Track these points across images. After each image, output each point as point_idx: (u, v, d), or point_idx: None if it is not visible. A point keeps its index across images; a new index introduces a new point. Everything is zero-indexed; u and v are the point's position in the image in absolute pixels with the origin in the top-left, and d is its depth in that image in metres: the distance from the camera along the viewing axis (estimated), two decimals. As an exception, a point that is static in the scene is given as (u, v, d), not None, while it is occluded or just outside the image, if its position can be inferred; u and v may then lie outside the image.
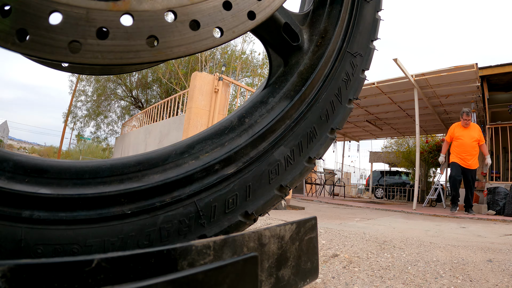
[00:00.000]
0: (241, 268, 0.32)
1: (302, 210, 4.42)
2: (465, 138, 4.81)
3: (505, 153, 7.38)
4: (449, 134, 5.07)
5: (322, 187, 10.36)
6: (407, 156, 11.86)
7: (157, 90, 14.42)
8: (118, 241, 0.48)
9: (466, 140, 4.80)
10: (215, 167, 0.56)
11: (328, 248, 1.51)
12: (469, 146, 4.77)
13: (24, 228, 0.43)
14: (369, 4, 0.78)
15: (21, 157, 0.47)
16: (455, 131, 4.96)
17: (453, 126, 5.04)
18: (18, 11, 0.32)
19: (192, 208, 0.54)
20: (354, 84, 0.75)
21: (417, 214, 4.74)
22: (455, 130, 4.97)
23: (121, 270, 0.30)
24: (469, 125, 4.87)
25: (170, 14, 0.39)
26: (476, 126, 4.95)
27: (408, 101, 7.53)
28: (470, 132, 4.83)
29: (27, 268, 0.26)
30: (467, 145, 4.78)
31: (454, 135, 4.94)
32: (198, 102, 4.51)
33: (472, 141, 4.78)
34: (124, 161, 0.53)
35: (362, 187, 19.04)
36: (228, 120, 0.64)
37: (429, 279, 1.16)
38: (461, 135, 4.85)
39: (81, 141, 20.85)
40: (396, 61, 5.63)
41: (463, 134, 4.84)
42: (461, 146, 4.82)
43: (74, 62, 0.34)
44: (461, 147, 4.82)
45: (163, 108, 6.75)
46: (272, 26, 0.64)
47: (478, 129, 4.92)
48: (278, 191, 0.63)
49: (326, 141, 0.70)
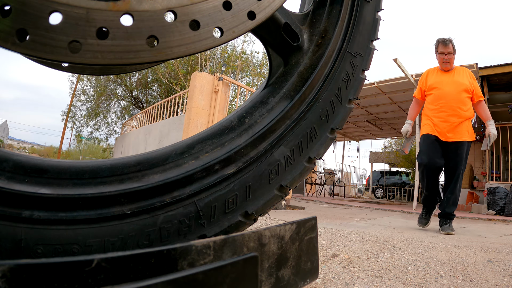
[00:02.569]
0: (241, 268, 0.32)
1: (302, 210, 4.42)
2: (445, 86, 2.56)
3: (505, 153, 7.38)
4: (419, 86, 2.78)
5: (322, 187, 10.37)
6: (407, 156, 11.86)
7: (157, 90, 14.42)
8: (118, 241, 0.48)
9: (448, 88, 2.54)
10: (215, 167, 0.56)
11: (328, 248, 1.51)
12: (454, 99, 2.51)
13: (24, 228, 0.43)
14: (369, 4, 0.78)
15: (21, 157, 0.47)
16: (428, 79, 2.70)
17: (425, 73, 2.77)
18: (18, 11, 0.32)
19: (192, 208, 0.54)
20: (354, 84, 0.75)
21: (417, 214, 4.73)
22: (429, 77, 2.71)
23: (121, 270, 0.30)
24: (453, 67, 2.64)
25: (170, 14, 0.39)
26: (465, 69, 2.67)
27: (408, 101, 7.52)
28: (455, 77, 2.58)
29: (27, 268, 0.26)
30: (450, 97, 2.51)
31: (427, 85, 2.68)
32: (198, 102, 4.51)
33: (459, 90, 2.52)
34: (124, 161, 0.53)
35: (362, 187, 19.04)
36: (228, 120, 0.64)
37: (429, 279, 1.16)
38: (439, 82, 2.60)
39: (81, 141, 20.86)
40: (396, 61, 5.63)
41: (441, 80, 2.60)
42: (438, 100, 2.56)
43: (74, 62, 0.34)
44: (439, 102, 2.55)
45: (163, 108, 6.75)
46: (272, 26, 0.64)
47: (469, 74, 2.64)
48: (278, 191, 0.63)
49: (326, 141, 0.70)
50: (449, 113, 2.50)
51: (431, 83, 2.65)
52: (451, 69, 2.63)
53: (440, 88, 2.57)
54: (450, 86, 2.55)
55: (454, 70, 2.63)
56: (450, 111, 2.50)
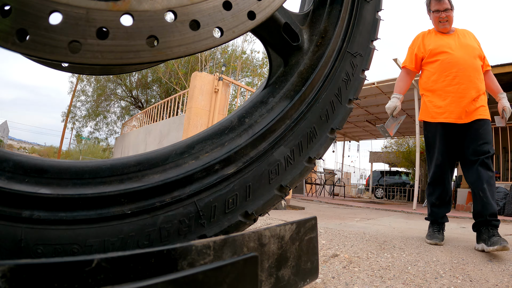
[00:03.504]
0: (241, 268, 0.32)
1: (302, 210, 4.42)
2: (455, 50, 1.87)
3: (505, 153, 7.38)
4: (412, 53, 2.04)
5: (322, 187, 10.37)
6: (407, 156, 11.87)
7: (157, 90, 14.42)
8: (118, 241, 0.48)
9: (460, 53, 1.86)
10: (215, 167, 0.56)
11: (328, 248, 1.51)
12: (470, 66, 1.83)
13: (24, 228, 0.43)
14: (369, 4, 0.78)
15: (21, 157, 0.47)
16: (426, 42, 1.99)
17: (419, 36, 2.04)
18: (18, 11, 0.32)
19: (192, 208, 0.54)
20: (354, 84, 0.75)
21: (417, 214, 4.74)
22: (426, 40, 1.99)
23: (121, 270, 0.30)
24: (453, 28, 1.99)
25: (170, 14, 0.39)
26: (469, 31, 2.02)
27: (408, 101, 7.53)
28: (461, 39, 1.92)
29: (27, 268, 0.26)
30: (466, 65, 1.83)
31: (426, 49, 1.96)
32: (198, 102, 4.52)
33: (474, 55, 1.87)
34: (124, 161, 0.53)
35: (362, 187, 19.04)
36: (228, 120, 0.64)
37: (429, 279, 1.16)
38: (444, 45, 1.90)
39: (81, 141, 20.88)
40: (396, 61, 5.63)
41: (447, 43, 1.91)
42: (450, 68, 1.85)
43: (74, 62, 0.34)
44: (450, 71, 1.84)
45: (163, 108, 6.75)
46: (272, 26, 0.64)
47: (474, 37, 2.00)
48: (278, 191, 0.63)
49: (326, 141, 0.70)
50: (466, 85, 1.79)
51: (433, 47, 1.91)
52: (451, 31, 1.96)
53: (449, 53, 1.85)
54: (461, 51, 1.85)
55: (456, 32, 1.96)
56: (467, 83, 1.79)
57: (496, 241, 1.48)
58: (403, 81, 2.10)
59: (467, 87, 1.80)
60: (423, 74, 2.01)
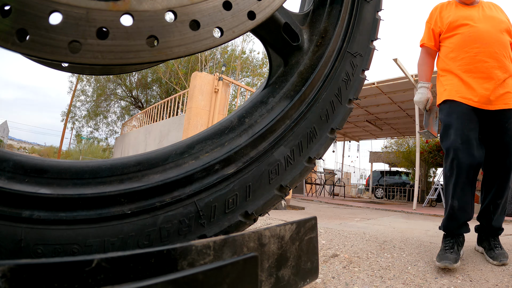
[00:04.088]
0: (241, 268, 0.32)
1: (302, 210, 4.42)
2: (479, 22, 1.50)
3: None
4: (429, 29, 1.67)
5: (322, 187, 10.37)
6: (407, 156, 11.85)
7: (157, 90, 14.43)
8: (118, 241, 0.48)
9: (484, 26, 1.49)
10: (215, 167, 0.56)
11: (328, 248, 1.51)
12: (496, 41, 1.46)
13: (24, 228, 0.43)
14: (369, 4, 0.78)
15: (21, 157, 0.47)
16: (443, 15, 1.63)
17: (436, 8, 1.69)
18: (18, 11, 0.32)
19: (192, 208, 0.54)
20: (354, 84, 0.75)
21: (417, 214, 4.74)
22: (444, 12, 1.64)
23: (121, 270, 0.30)
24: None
25: (170, 14, 0.39)
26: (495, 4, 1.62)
27: (408, 101, 7.53)
28: (486, 11, 1.56)
29: (27, 268, 0.26)
30: (490, 39, 1.46)
31: (444, 22, 1.60)
32: (198, 102, 4.52)
33: (500, 29, 1.49)
34: (124, 161, 0.53)
35: (362, 187, 19.04)
36: (228, 120, 0.64)
37: (429, 279, 1.16)
38: (465, 17, 1.54)
39: (81, 141, 20.87)
40: (396, 61, 5.63)
41: (469, 15, 1.53)
42: (472, 43, 1.48)
43: (74, 62, 0.34)
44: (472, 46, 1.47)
45: (163, 108, 6.75)
46: (272, 26, 0.64)
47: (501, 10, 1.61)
48: (278, 191, 0.63)
49: (326, 141, 0.70)
50: (491, 63, 1.46)
51: (452, 19, 1.57)
52: (475, 3, 1.61)
53: (471, 26, 1.51)
54: (485, 23, 1.51)
55: (480, 4, 1.61)
56: (492, 61, 1.46)
57: (497, 257, 1.39)
58: (426, 64, 1.72)
59: (491, 66, 1.46)
60: (441, 51, 1.65)
